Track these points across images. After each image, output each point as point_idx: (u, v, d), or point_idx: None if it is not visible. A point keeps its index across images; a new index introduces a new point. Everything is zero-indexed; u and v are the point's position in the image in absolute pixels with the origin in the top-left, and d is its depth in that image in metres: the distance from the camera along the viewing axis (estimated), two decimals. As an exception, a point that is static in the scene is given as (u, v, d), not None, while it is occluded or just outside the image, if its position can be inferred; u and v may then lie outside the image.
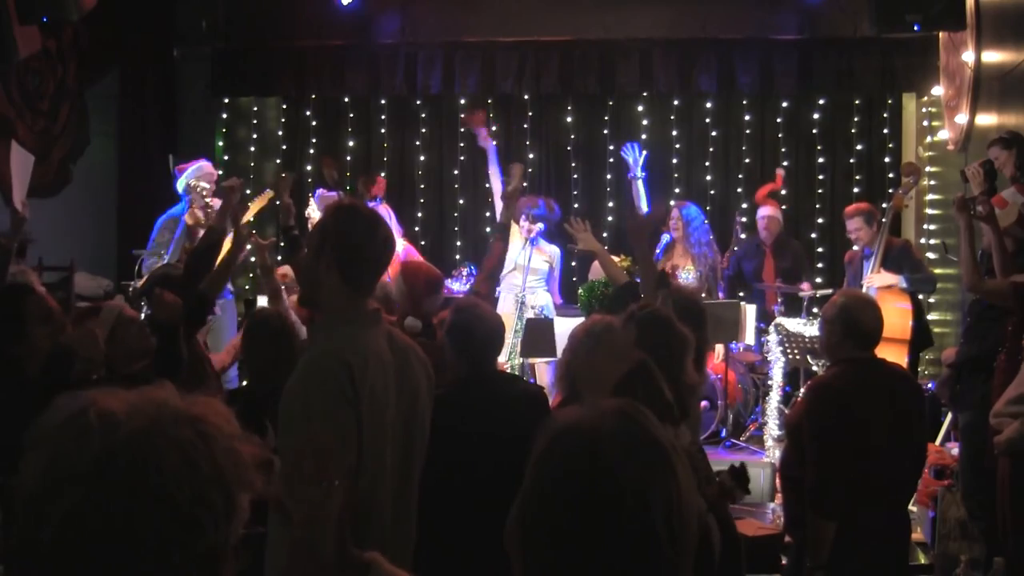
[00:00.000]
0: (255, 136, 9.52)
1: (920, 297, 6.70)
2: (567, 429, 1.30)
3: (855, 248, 6.84)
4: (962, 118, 7.15)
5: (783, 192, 9.08)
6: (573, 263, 9.15)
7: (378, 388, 2.46)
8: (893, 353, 6.15)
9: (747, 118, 9.14)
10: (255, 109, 9.53)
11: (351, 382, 2.38)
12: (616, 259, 6.34)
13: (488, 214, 8.93)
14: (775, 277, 7.57)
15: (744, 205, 8.96)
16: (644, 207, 7.20)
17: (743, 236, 8.10)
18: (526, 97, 9.13)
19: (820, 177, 9.11)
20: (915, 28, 6.74)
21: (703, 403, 7.08)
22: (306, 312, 4.44)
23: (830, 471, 3.55)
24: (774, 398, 6.84)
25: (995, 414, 4.27)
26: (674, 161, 9.21)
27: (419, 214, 9.26)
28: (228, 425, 1.09)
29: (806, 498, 3.59)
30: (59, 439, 1.02)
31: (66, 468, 1.01)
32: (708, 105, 9.12)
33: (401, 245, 6.77)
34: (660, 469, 1.26)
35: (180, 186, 6.85)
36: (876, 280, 6.34)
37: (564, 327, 5.65)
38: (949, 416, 6.14)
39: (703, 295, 7.18)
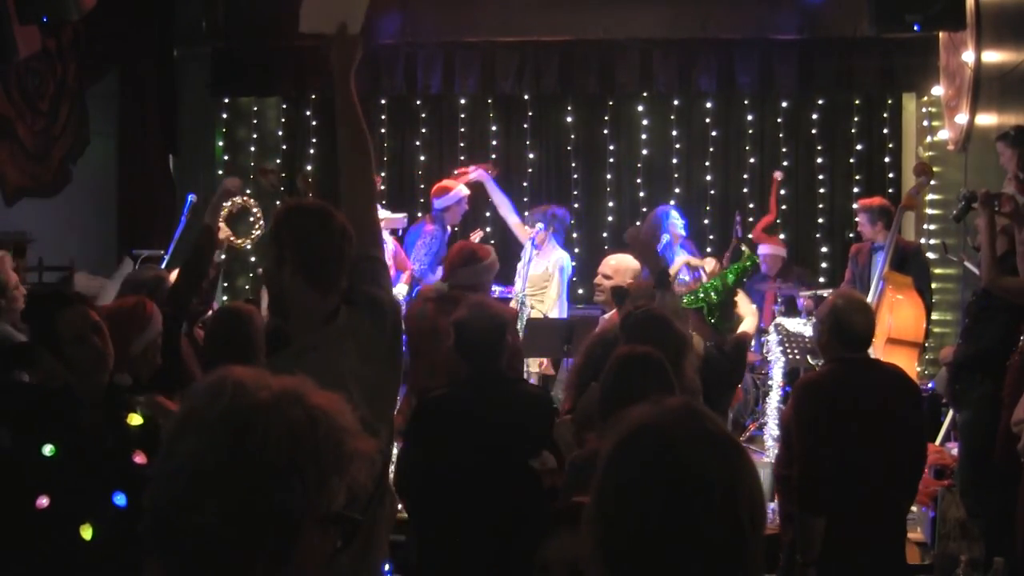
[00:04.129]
0: (255, 136, 9.51)
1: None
2: (641, 430, 1.30)
3: (862, 242, 6.87)
4: (962, 118, 7.14)
5: (783, 192, 9.09)
6: (573, 263, 9.13)
7: (360, 408, 2.39)
8: (905, 355, 6.14)
9: (747, 118, 9.14)
10: (255, 109, 9.52)
11: None
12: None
13: (488, 214, 8.91)
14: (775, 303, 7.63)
15: (751, 205, 8.96)
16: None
17: (748, 236, 8.10)
18: (526, 97, 9.12)
19: (820, 177, 9.11)
20: (915, 28, 6.72)
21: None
22: None
23: (815, 468, 3.55)
24: (774, 398, 6.84)
25: (1016, 422, 4.26)
26: (674, 161, 9.20)
27: (419, 214, 9.25)
28: (343, 419, 1.30)
29: (794, 495, 3.60)
30: (199, 395, 1.29)
31: (196, 419, 1.26)
32: (708, 105, 9.11)
33: (390, 243, 6.78)
34: (740, 464, 1.29)
35: (439, 205, 7.15)
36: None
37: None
38: (949, 416, 6.14)
39: None
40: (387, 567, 4.80)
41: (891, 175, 8.94)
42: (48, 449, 2.78)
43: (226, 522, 1.21)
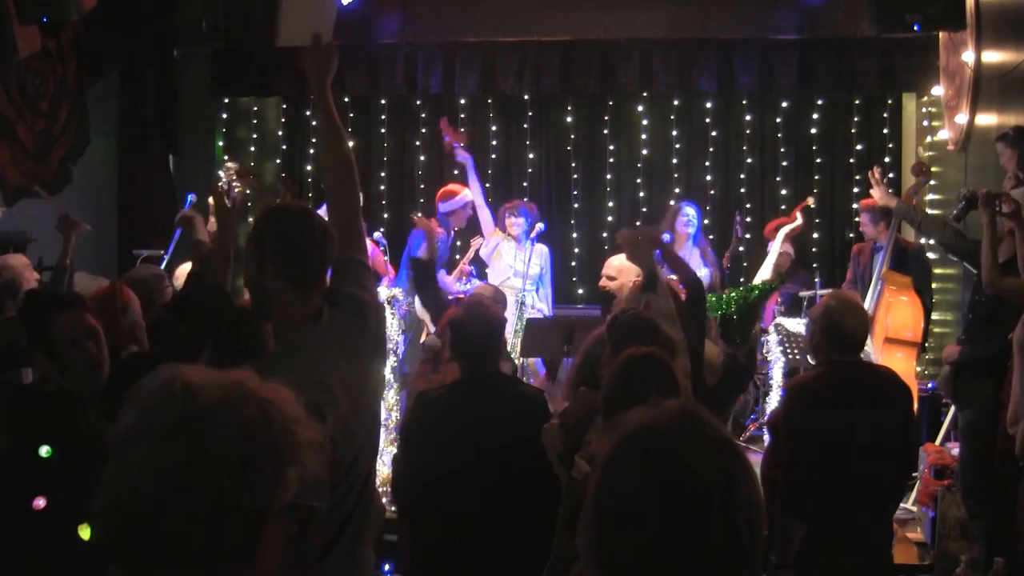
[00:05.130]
0: (255, 136, 9.51)
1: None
2: (638, 433, 1.30)
3: (864, 242, 6.89)
4: (962, 118, 7.14)
5: (784, 192, 9.08)
6: (573, 263, 9.15)
7: (343, 409, 2.34)
8: (903, 355, 6.13)
9: (747, 118, 9.14)
10: (255, 109, 9.52)
11: (322, 421, 2.23)
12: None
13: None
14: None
15: (748, 205, 8.97)
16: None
17: (746, 236, 8.10)
18: (526, 97, 9.12)
19: (820, 177, 9.11)
20: (915, 28, 6.72)
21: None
22: None
23: (802, 472, 3.55)
24: (774, 398, 6.84)
25: (1012, 424, 4.25)
26: (674, 161, 9.21)
27: (419, 214, 9.25)
28: (291, 409, 1.32)
29: (777, 498, 3.60)
30: (149, 399, 1.28)
31: (149, 423, 1.26)
32: (708, 105, 9.12)
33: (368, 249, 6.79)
34: (737, 467, 1.29)
35: (444, 209, 7.14)
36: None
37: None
38: (949, 415, 6.13)
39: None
40: (387, 567, 4.81)
41: (891, 175, 8.92)
42: (44, 450, 2.78)
43: (188, 525, 1.22)
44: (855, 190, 8.90)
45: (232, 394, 1.28)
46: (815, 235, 9.02)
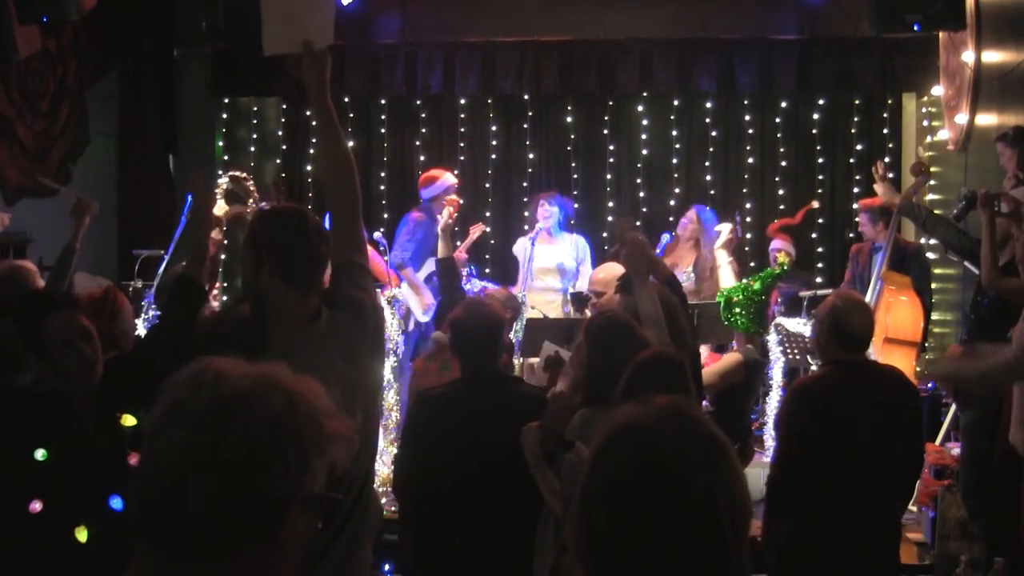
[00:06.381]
0: (255, 136, 9.51)
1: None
2: (627, 427, 1.31)
3: (863, 242, 6.89)
4: (962, 118, 7.15)
5: (781, 192, 9.08)
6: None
7: (339, 409, 2.37)
8: (902, 355, 6.13)
9: (747, 118, 9.13)
10: (255, 109, 9.52)
11: None
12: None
13: (489, 214, 8.95)
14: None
15: (748, 205, 8.96)
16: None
17: (747, 235, 8.10)
18: (526, 97, 9.12)
19: (820, 177, 9.10)
20: (915, 28, 6.73)
21: (703, 403, 7.07)
22: None
23: (793, 472, 3.55)
24: (774, 398, 6.84)
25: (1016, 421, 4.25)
26: (674, 161, 9.20)
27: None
28: (320, 402, 1.35)
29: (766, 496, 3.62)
30: (180, 388, 1.31)
31: (180, 411, 1.29)
32: (708, 105, 9.11)
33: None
34: (723, 465, 1.29)
35: (427, 195, 6.98)
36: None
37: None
38: (949, 415, 6.14)
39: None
40: (387, 567, 4.81)
41: (891, 175, 8.91)
42: (40, 453, 2.77)
43: (214, 509, 1.26)
44: (855, 190, 8.89)
45: (261, 385, 1.31)
46: (814, 235, 9.03)
